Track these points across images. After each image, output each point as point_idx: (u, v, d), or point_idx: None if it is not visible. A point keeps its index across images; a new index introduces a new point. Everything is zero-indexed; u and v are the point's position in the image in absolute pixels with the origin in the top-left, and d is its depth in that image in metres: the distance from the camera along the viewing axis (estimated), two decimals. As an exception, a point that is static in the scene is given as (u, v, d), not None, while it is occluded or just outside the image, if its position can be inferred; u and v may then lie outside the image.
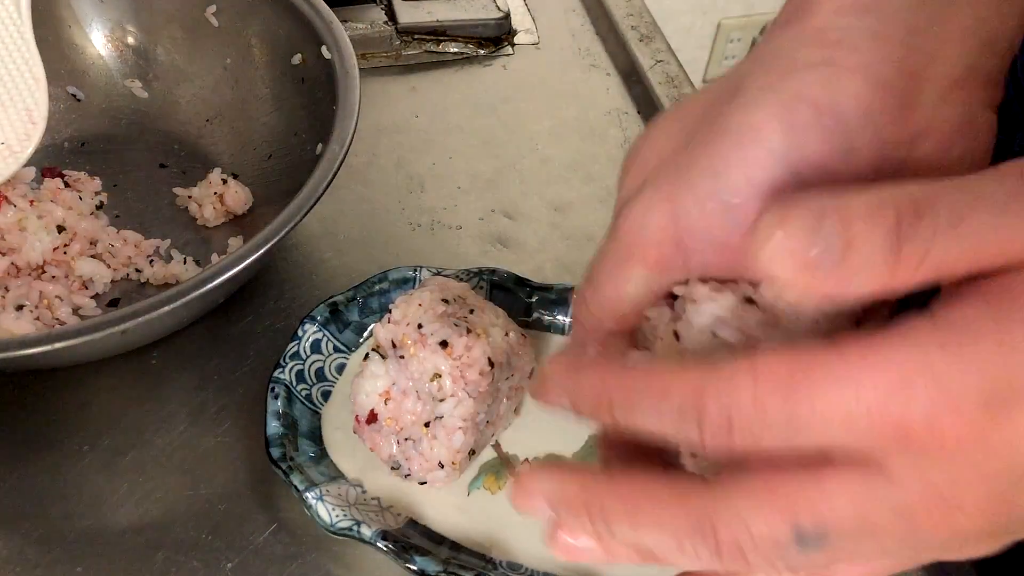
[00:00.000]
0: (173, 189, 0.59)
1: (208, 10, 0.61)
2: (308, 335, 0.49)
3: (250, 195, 0.58)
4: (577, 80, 0.70)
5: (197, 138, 0.62)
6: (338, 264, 0.57)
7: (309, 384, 0.48)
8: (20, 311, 0.50)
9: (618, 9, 0.74)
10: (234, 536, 0.45)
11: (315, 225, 0.58)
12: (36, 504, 0.46)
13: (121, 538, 0.45)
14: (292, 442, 0.45)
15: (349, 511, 0.42)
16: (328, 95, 0.54)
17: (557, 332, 0.51)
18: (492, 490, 0.46)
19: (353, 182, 0.61)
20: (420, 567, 0.40)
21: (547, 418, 0.48)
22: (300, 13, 0.57)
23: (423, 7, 0.71)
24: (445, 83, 0.69)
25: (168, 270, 0.55)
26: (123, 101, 0.63)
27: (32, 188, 0.57)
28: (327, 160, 0.49)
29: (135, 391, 0.50)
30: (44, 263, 0.53)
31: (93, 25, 0.63)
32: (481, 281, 0.51)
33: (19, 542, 0.44)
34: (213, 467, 0.47)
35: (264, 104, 0.60)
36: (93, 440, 0.48)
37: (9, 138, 0.54)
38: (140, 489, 0.46)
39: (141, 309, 0.42)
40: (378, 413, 0.43)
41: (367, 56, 0.70)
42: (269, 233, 0.46)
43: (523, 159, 0.64)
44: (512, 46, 0.72)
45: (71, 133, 0.62)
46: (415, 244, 0.58)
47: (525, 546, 0.43)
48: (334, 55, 0.55)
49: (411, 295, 0.44)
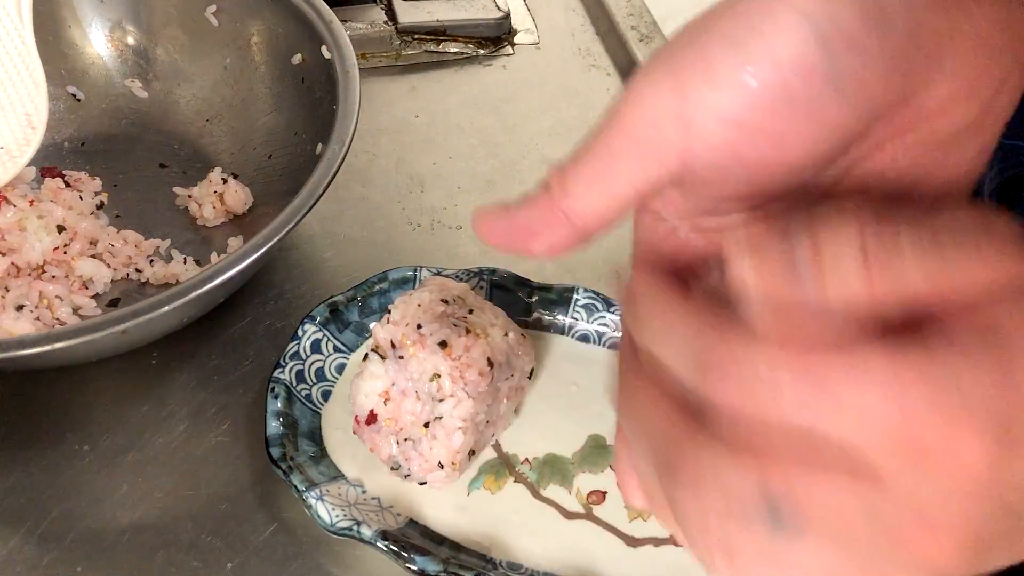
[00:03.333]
0: (173, 189, 0.59)
1: (208, 10, 0.61)
2: (308, 335, 0.49)
3: (250, 195, 0.58)
4: (577, 80, 0.70)
5: (197, 138, 0.62)
6: (338, 264, 0.57)
7: (309, 384, 0.48)
8: (20, 311, 0.50)
9: (618, 9, 0.74)
10: (234, 536, 0.45)
11: (315, 225, 0.58)
12: (36, 504, 0.46)
13: (121, 538, 0.45)
14: (292, 442, 0.45)
15: (349, 511, 0.42)
16: (328, 95, 0.54)
17: (557, 332, 0.51)
18: (492, 490, 0.46)
19: (353, 182, 0.61)
20: (420, 567, 0.40)
21: (547, 418, 0.48)
22: (300, 13, 0.57)
23: (423, 7, 0.71)
24: (445, 83, 0.69)
25: (168, 270, 0.55)
26: (123, 101, 0.63)
27: (32, 188, 0.57)
28: (327, 160, 0.49)
29: (135, 391, 0.50)
30: (44, 263, 0.53)
31: (93, 25, 0.63)
32: (481, 281, 0.51)
33: (19, 542, 0.44)
34: (213, 467, 0.47)
35: (264, 104, 0.60)
36: (93, 440, 0.48)
37: (8, 142, 0.54)
38: (140, 489, 0.46)
39: (141, 309, 0.42)
40: (377, 413, 0.43)
41: (367, 56, 0.70)
42: (269, 233, 0.46)
43: (523, 159, 0.64)
44: (512, 46, 0.72)
45: (71, 133, 0.62)
46: (415, 244, 0.58)
47: (525, 546, 0.43)
48: (334, 55, 0.55)
49: (410, 295, 0.44)
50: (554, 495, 0.45)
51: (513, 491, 0.46)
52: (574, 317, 0.51)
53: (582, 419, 0.48)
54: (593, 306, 0.51)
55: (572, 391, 0.49)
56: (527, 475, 0.46)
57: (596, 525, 0.44)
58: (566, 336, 0.51)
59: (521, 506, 0.45)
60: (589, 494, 0.45)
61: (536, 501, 0.45)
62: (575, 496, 0.45)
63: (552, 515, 0.45)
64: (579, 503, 0.45)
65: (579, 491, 0.46)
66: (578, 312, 0.51)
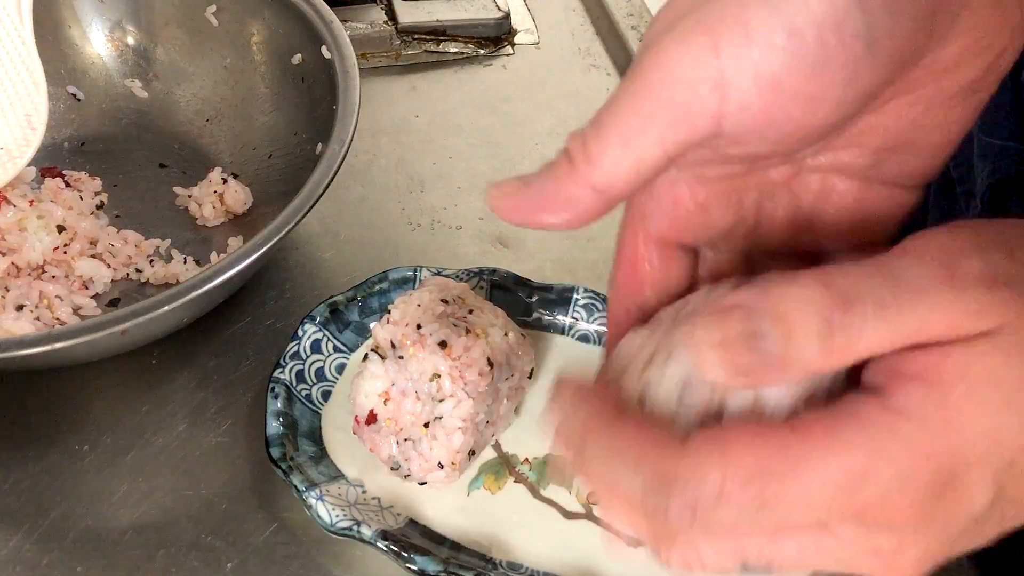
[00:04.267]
0: (173, 189, 0.59)
1: (208, 10, 0.61)
2: (308, 335, 0.49)
3: (250, 195, 0.58)
4: (577, 80, 0.70)
5: (197, 138, 0.62)
6: (338, 264, 0.57)
7: (309, 384, 0.48)
8: (20, 311, 0.50)
9: (618, 9, 0.74)
10: (234, 536, 0.45)
11: (315, 225, 0.58)
12: (36, 504, 0.46)
13: (121, 538, 0.45)
14: (292, 442, 0.45)
15: (349, 511, 0.42)
16: (328, 95, 0.54)
17: (557, 332, 0.51)
18: (492, 490, 0.46)
19: (353, 182, 0.61)
20: (420, 567, 0.40)
21: (547, 418, 0.48)
22: (300, 13, 0.57)
23: (423, 7, 0.71)
24: (445, 83, 0.69)
25: (168, 270, 0.55)
26: (123, 101, 0.63)
27: (32, 188, 0.57)
28: (327, 160, 0.49)
29: (135, 391, 0.50)
30: (44, 263, 0.53)
31: (93, 25, 0.63)
32: (481, 281, 0.51)
33: (19, 542, 0.44)
34: (213, 467, 0.47)
35: (264, 104, 0.60)
36: (93, 440, 0.48)
37: (8, 143, 0.54)
38: (140, 489, 0.46)
39: (141, 309, 0.42)
40: (377, 414, 0.43)
41: (367, 56, 0.70)
42: (269, 233, 0.46)
43: (523, 159, 0.64)
44: (512, 46, 0.72)
45: (71, 133, 0.62)
46: (415, 244, 0.58)
47: (525, 546, 0.43)
48: (334, 55, 0.55)
49: (410, 295, 0.44)
50: (554, 495, 0.45)
51: (513, 491, 0.46)
52: (574, 317, 0.51)
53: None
54: (593, 306, 0.51)
55: (572, 391, 0.49)
56: (527, 475, 0.46)
57: (596, 525, 0.44)
58: (566, 336, 0.51)
59: (521, 506, 0.45)
60: (589, 494, 0.45)
61: (536, 501, 0.45)
62: (575, 496, 0.45)
63: (552, 515, 0.45)
64: (579, 503, 0.45)
65: (579, 491, 0.46)
66: (578, 312, 0.51)
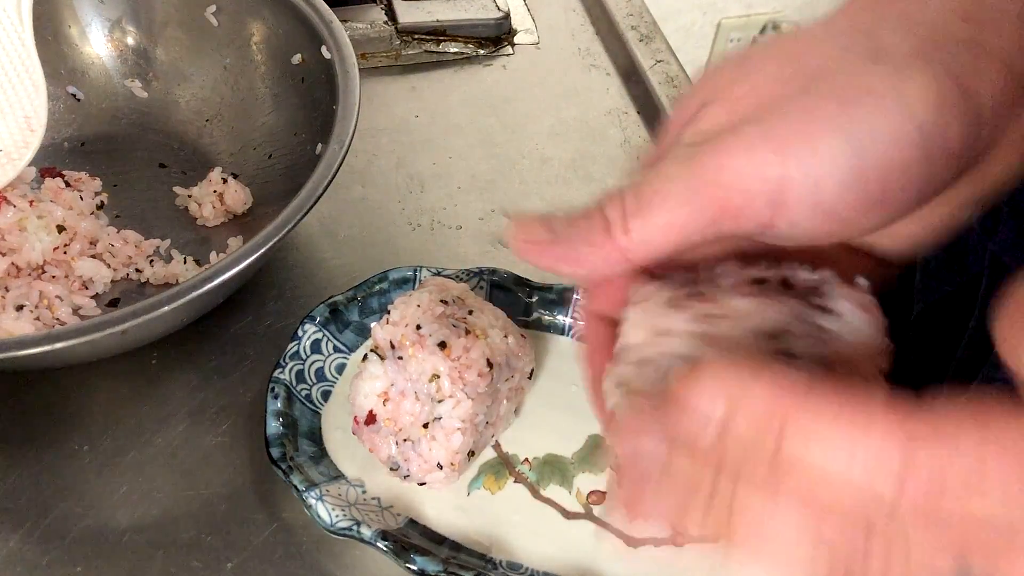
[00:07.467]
0: (173, 189, 0.59)
1: (208, 10, 0.61)
2: (308, 335, 0.49)
3: (250, 195, 0.58)
4: (577, 80, 0.70)
5: (197, 138, 0.62)
6: (338, 264, 0.57)
7: (309, 384, 0.48)
8: (20, 311, 0.50)
9: (618, 9, 0.74)
10: (234, 536, 0.45)
11: (315, 225, 0.58)
12: (36, 504, 0.46)
13: (121, 538, 0.45)
14: (292, 442, 0.45)
15: (349, 511, 0.42)
16: (328, 95, 0.54)
17: (557, 332, 0.51)
18: (492, 490, 0.46)
19: (353, 182, 0.61)
20: (420, 567, 0.40)
21: (547, 419, 0.48)
22: (300, 13, 0.57)
23: (423, 7, 0.71)
24: (445, 83, 0.69)
25: (168, 270, 0.55)
26: (123, 101, 0.63)
27: (32, 188, 0.57)
28: (327, 160, 0.49)
29: (135, 391, 0.50)
30: (44, 263, 0.53)
31: (93, 25, 0.63)
32: (481, 281, 0.51)
33: (19, 542, 0.44)
34: (213, 467, 0.47)
35: (264, 104, 0.60)
36: (93, 440, 0.48)
37: (7, 145, 0.54)
38: (140, 489, 0.46)
39: (141, 309, 0.42)
40: (377, 414, 0.43)
41: (367, 56, 0.70)
42: (269, 233, 0.46)
43: (523, 159, 0.64)
44: (512, 46, 0.72)
45: (71, 133, 0.62)
46: (415, 244, 0.58)
47: (525, 546, 0.43)
48: (334, 55, 0.55)
49: (410, 296, 0.44)
50: (554, 495, 0.45)
51: (513, 491, 0.46)
52: (574, 317, 0.51)
53: (582, 419, 0.48)
54: (593, 306, 0.51)
55: (572, 391, 0.49)
56: (527, 475, 0.46)
57: (596, 525, 0.45)
58: (566, 336, 0.51)
59: (521, 506, 0.45)
60: (589, 494, 0.45)
61: (536, 501, 0.45)
62: (575, 496, 0.45)
63: (552, 515, 0.45)
64: (579, 503, 0.45)
65: (579, 491, 0.46)
66: (578, 312, 0.51)
